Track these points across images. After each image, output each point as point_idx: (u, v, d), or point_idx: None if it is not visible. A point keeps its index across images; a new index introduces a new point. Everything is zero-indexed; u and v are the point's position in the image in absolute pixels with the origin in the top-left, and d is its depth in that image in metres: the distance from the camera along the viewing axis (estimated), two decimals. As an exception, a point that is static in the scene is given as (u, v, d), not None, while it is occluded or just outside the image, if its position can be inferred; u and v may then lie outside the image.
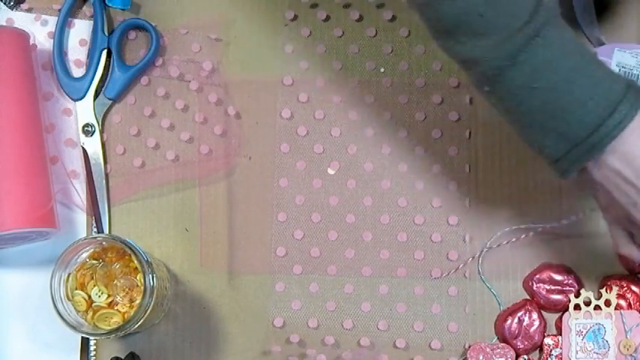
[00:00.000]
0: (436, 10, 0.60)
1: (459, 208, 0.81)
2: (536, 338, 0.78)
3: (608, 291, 0.77)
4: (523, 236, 0.79)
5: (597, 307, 0.77)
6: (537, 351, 0.79)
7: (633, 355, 0.76)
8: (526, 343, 0.78)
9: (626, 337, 0.77)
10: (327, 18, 0.84)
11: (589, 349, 0.77)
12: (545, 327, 0.78)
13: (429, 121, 0.82)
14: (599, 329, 0.77)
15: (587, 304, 0.77)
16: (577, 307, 0.77)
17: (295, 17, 0.84)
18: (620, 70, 0.80)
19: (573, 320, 0.77)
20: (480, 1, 0.59)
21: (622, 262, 0.78)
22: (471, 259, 0.80)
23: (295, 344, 0.79)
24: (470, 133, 0.82)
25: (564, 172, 0.63)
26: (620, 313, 0.77)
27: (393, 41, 0.83)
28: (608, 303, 0.77)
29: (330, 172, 0.82)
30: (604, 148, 0.60)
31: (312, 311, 0.80)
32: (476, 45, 0.60)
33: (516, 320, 0.78)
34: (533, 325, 0.78)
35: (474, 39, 0.60)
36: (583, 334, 0.77)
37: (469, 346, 0.78)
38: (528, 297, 0.79)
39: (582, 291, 0.77)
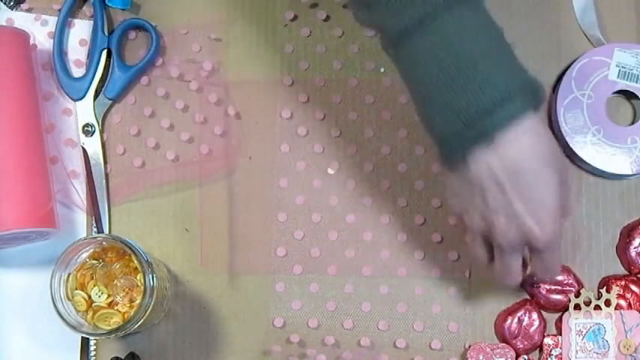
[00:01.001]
0: None
1: (459, 208, 0.81)
2: (536, 338, 0.78)
3: (609, 291, 0.77)
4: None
5: (597, 307, 0.77)
6: (537, 351, 0.79)
7: (633, 355, 0.76)
8: (526, 343, 0.78)
9: (626, 337, 0.77)
10: (327, 18, 0.84)
11: (589, 349, 0.77)
12: (545, 327, 0.78)
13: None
14: (599, 329, 0.77)
15: (587, 303, 0.77)
16: (577, 306, 0.77)
17: (295, 17, 0.84)
18: (620, 70, 0.80)
19: (573, 320, 0.77)
20: None
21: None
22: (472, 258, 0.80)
23: (295, 344, 0.79)
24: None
25: (449, 154, 0.61)
26: (621, 313, 0.77)
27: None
28: (608, 303, 0.77)
29: (330, 171, 0.82)
30: (492, 137, 0.59)
31: (312, 311, 0.80)
32: (388, 9, 0.59)
33: (516, 320, 0.78)
34: (533, 325, 0.78)
35: (387, 5, 0.59)
36: (583, 333, 0.77)
37: (469, 346, 0.78)
38: (528, 297, 0.79)
39: (582, 291, 0.77)
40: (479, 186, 0.61)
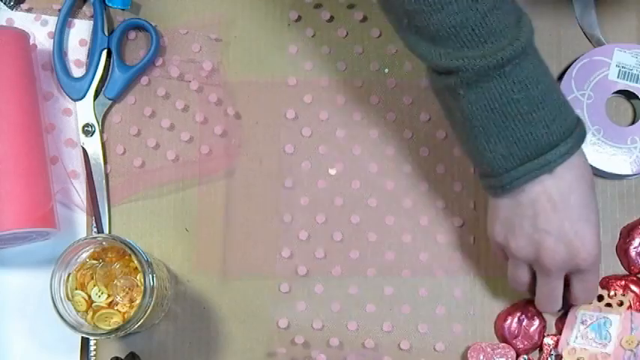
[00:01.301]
0: (431, 17, 0.63)
1: (464, 209, 0.81)
2: (536, 338, 0.78)
3: (625, 292, 0.77)
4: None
5: (608, 305, 0.77)
6: (537, 351, 0.79)
7: (633, 350, 0.76)
8: (526, 342, 0.78)
9: (631, 334, 0.77)
10: (331, 18, 0.84)
11: (590, 337, 0.77)
12: (545, 327, 0.78)
13: (434, 121, 0.82)
14: (604, 322, 0.77)
15: (600, 299, 0.77)
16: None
17: (299, 18, 0.84)
18: (620, 70, 0.80)
19: (581, 311, 0.77)
20: (477, 17, 0.62)
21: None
22: (476, 259, 0.80)
23: (300, 345, 0.79)
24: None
25: (509, 184, 0.66)
26: (631, 313, 0.77)
27: (397, 42, 0.83)
28: (620, 303, 0.77)
29: (332, 172, 0.82)
30: (556, 166, 0.65)
31: (316, 312, 0.80)
32: (462, 55, 0.63)
33: (516, 320, 0.78)
34: (532, 325, 0.78)
35: (461, 50, 0.63)
36: (587, 323, 0.77)
37: (469, 346, 0.78)
38: (528, 297, 0.79)
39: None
40: (532, 209, 0.67)
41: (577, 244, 0.67)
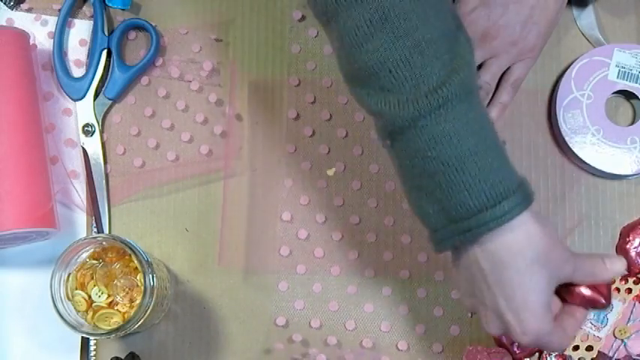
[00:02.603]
0: (353, 55, 0.59)
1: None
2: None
3: (637, 282, 0.77)
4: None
5: (616, 290, 0.77)
6: (535, 355, 0.78)
7: (624, 340, 0.77)
8: (523, 349, 0.78)
9: (626, 324, 0.77)
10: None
11: (588, 317, 0.76)
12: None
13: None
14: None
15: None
16: None
17: (303, 18, 0.84)
18: (619, 70, 0.80)
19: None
20: (395, 57, 0.57)
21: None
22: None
23: (298, 343, 0.79)
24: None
25: (438, 244, 0.61)
26: (634, 303, 0.77)
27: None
28: (629, 291, 0.77)
29: (329, 173, 0.82)
30: (477, 236, 0.58)
31: (314, 311, 0.80)
32: (382, 99, 0.59)
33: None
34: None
35: (382, 93, 0.59)
36: None
37: (466, 350, 0.78)
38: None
39: None
40: (469, 273, 0.61)
41: (512, 322, 0.60)
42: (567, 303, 0.63)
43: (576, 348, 0.77)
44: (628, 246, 0.79)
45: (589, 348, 0.77)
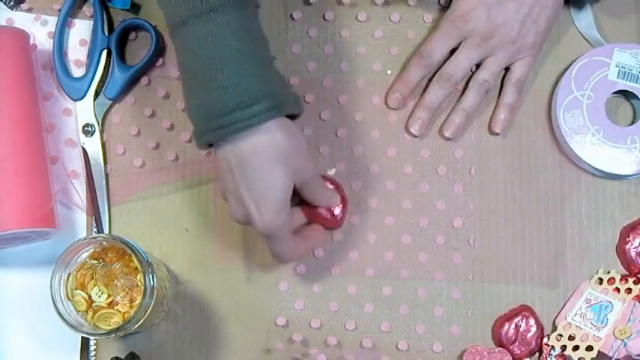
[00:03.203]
0: None
1: (463, 211, 0.81)
2: (533, 344, 0.78)
3: (637, 282, 0.77)
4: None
5: (616, 290, 0.77)
6: (535, 355, 0.79)
7: (624, 340, 0.77)
8: (523, 349, 0.78)
9: (626, 324, 0.77)
10: (335, 19, 0.84)
11: (588, 317, 0.77)
12: (542, 333, 0.78)
13: (435, 123, 0.82)
14: (606, 306, 0.77)
15: (611, 282, 0.77)
16: (600, 281, 0.78)
17: (303, 17, 0.84)
18: (619, 70, 0.80)
19: (590, 289, 0.77)
20: None
21: None
22: (475, 261, 0.80)
23: (298, 343, 0.79)
24: (475, 135, 0.82)
25: (198, 139, 0.68)
26: (634, 303, 0.77)
27: (400, 43, 0.83)
28: (628, 291, 0.77)
29: (331, 172, 0.82)
30: (228, 134, 0.66)
31: (315, 311, 0.80)
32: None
33: (513, 326, 0.78)
34: (530, 331, 0.78)
35: None
36: (591, 303, 0.77)
37: (466, 349, 0.78)
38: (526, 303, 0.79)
39: (612, 271, 0.78)
40: (222, 169, 0.69)
41: (250, 210, 0.68)
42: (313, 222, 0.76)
43: (576, 348, 0.77)
44: (628, 246, 0.79)
45: (589, 348, 0.77)
